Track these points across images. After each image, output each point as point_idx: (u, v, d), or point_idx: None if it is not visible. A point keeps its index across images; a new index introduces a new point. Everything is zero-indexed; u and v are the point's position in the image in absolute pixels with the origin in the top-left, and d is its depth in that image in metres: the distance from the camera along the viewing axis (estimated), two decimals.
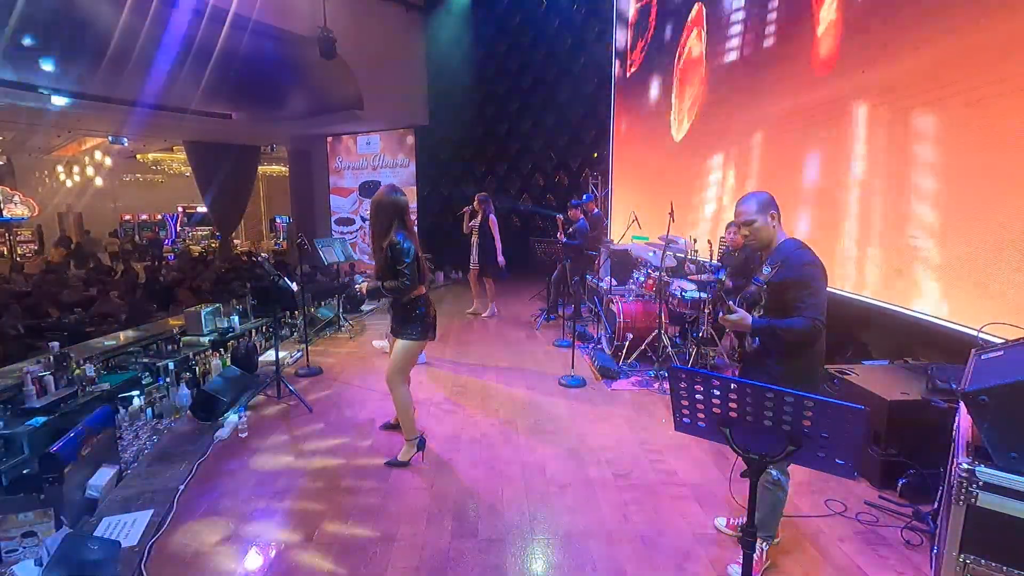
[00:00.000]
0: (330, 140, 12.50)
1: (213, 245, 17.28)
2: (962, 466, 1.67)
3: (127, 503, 2.94)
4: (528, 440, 3.72)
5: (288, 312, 6.20)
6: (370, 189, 11.72)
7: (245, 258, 13.11)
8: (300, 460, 3.47)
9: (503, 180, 11.92)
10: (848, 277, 4.06)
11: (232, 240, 16.02)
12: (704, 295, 4.69)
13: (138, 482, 3.18)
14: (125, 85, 7.82)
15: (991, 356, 1.98)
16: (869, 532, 2.67)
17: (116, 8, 6.39)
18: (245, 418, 3.85)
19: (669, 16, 7.49)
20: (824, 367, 2.51)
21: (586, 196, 7.80)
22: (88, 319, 6.17)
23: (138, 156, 17.65)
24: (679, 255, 5.75)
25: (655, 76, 7.91)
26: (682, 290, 4.97)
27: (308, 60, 8.60)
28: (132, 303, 6.78)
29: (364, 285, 3.29)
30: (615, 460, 3.43)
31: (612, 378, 4.89)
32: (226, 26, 7.33)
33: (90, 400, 3.71)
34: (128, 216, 19.63)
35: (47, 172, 17.47)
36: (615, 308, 5.31)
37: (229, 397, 4.07)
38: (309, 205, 13.17)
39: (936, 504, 2.41)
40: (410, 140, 11.72)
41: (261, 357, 5.32)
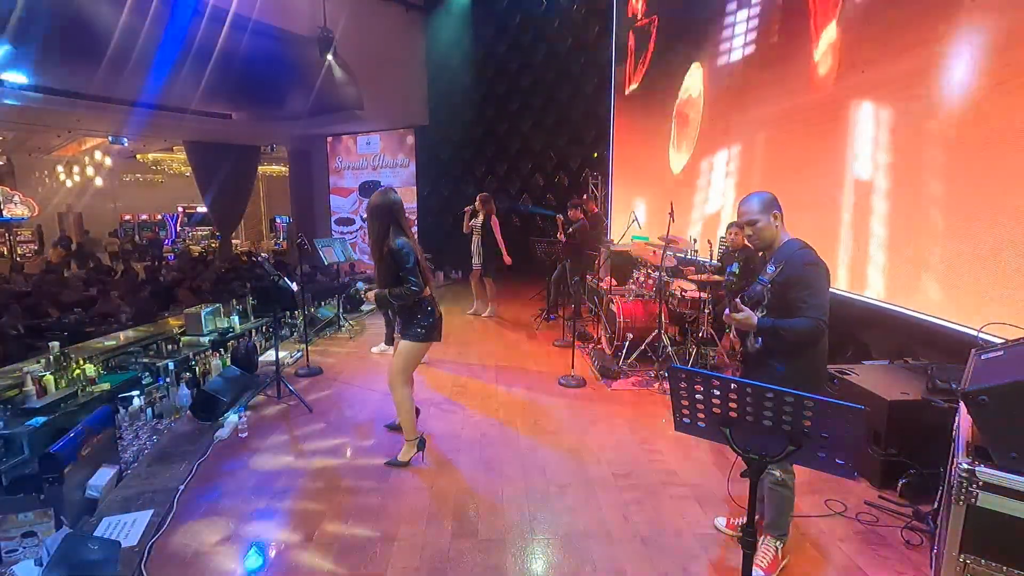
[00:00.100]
0: (330, 140, 12.50)
1: (213, 245, 17.27)
2: (962, 466, 1.67)
3: (127, 503, 2.94)
4: (528, 440, 3.72)
5: (288, 312, 6.20)
6: (370, 189, 11.71)
7: (245, 258, 13.11)
8: (300, 460, 3.47)
9: (503, 180, 11.91)
10: (848, 277, 4.06)
11: (231, 240, 16.01)
12: (704, 295, 4.69)
13: (138, 482, 3.18)
14: (125, 85, 7.82)
15: (991, 356, 1.98)
16: (869, 532, 2.67)
17: (116, 8, 6.39)
18: (245, 418, 3.85)
19: (669, 44, 7.44)
20: (826, 368, 2.51)
21: (585, 196, 7.79)
22: (88, 319, 6.17)
23: (138, 156, 17.65)
24: (679, 255, 5.76)
25: (654, 99, 7.86)
26: (682, 290, 4.98)
27: (308, 60, 8.60)
28: (137, 303, 6.79)
29: (372, 293, 3.26)
30: (615, 460, 3.43)
31: (612, 378, 4.89)
32: (226, 26, 7.33)
33: (90, 400, 3.71)
34: (128, 216, 19.62)
35: (47, 172, 17.46)
36: (615, 308, 5.31)
37: (229, 397, 4.07)
38: (309, 205, 13.17)
39: (936, 504, 2.41)
40: (410, 140, 11.72)
41: (261, 357, 5.32)
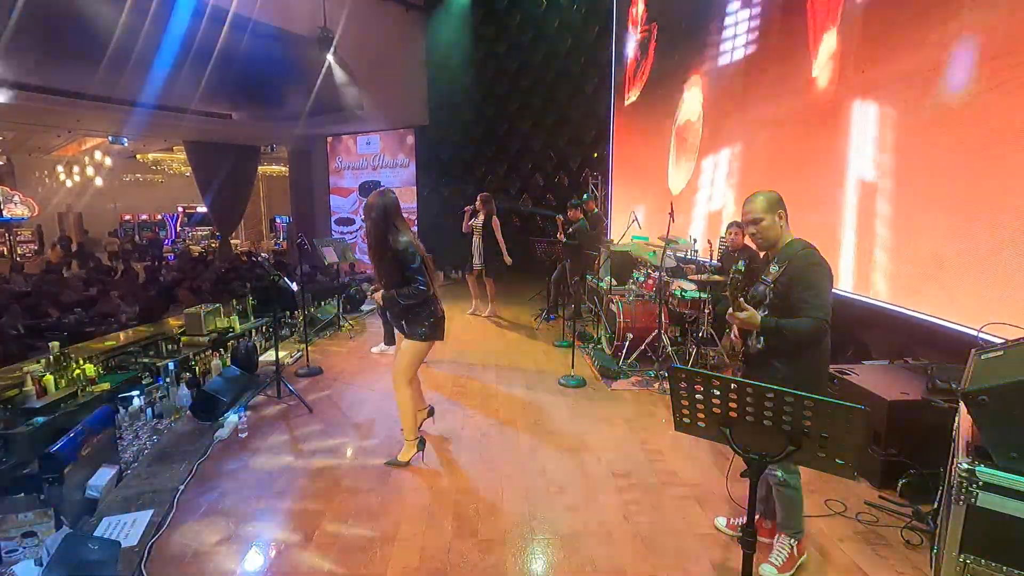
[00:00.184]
0: (330, 140, 12.50)
1: (213, 245, 17.27)
2: (962, 466, 1.67)
3: (127, 503, 2.94)
4: (528, 440, 3.72)
5: (288, 312, 6.21)
6: (369, 189, 11.71)
7: (245, 258, 13.11)
8: (300, 460, 3.47)
9: (503, 180, 11.91)
10: (848, 277, 4.06)
11: (231, 240, 16.01)
12: (704, 295, 4.69)
13: (138, 482, 3.18)
14: (125, 85, 7.82)
15: (991, 356, 1.98)
16: (869, 532, 2.67)
17: (116, 8, 6.39)
18: (245, 418, 3.84)
19: (668, 53, 7.44)
20: (828, 369, 2.51)
21: (585, 195, 7.79)
22: (88, 319, 6.17)
23: (138, 156, 17.66)
24: (679, 255, 5.76)
25: (654, 109, 7.84)
26: (682, 290, 4.98)
27: (308, 60, 8.60)
28: (143, 302, 6.80)
29: (378, 295, 3.24)
30: (615, 460, 3.43)
31: (612, 378, 4.89)
32: (226, 26, 7.32)
33: (90, 400, 3.71)
34: (128, 216, 19.63)
35: (47, 172, 17.46)
36: (615, 308, 5.31)
37: (229, 397, 4.07)
38: (309, 205, 13.17)
39: (936, 504, 2.41)
40: (410, 140, 11.72)
41: (261, 357, 5.33)
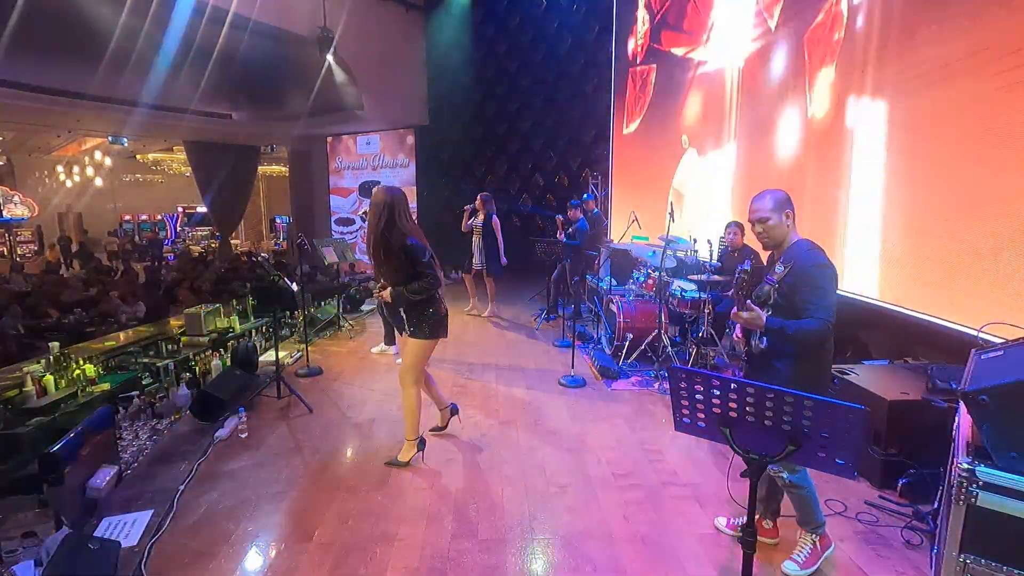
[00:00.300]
0: (330, 140, 12.50)
1: (213, 245, 17.27)
2: (962, 466, 1.67)
3: (127, 503, 2.94)
4: (528, 440, 3.72)
5: (288, 312, 6.20)
6: (369, 189, 11.72)
7: (245, 258, 13.12)
8: (300, 460, 3.46)
9: (503, 180, 11.91)
10: (848, 277, 4.06)
11: (231, 240, 16.01)
12: (704, 295, 4.69)
13: (138, 482, 3.18)
14: (125, 85, 7.82)
15: (991, 356, 1.98)
16: (869, 532, 2.67)
17: (116, 8, 6.39)
18: (245, 418, 3.84)
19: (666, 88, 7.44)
20: (831, 370, 2.51)
21: (586, 195, 7.80)
22: (88, 319, 6.17)
23: (138, 156, 17.67)
24: (679, 254, 5.76)
25: (655, 138, 7.83)
26: (682, 290, 4.98)
27: (308, 60, 8.60)
28: (149, 300, 6.81)
29: (386, 292, 3.22)
30: (615, 460, 3.43)
31: (612, 378, 4.89)
32: (226, 26, 7.33)
33: (90, 400, 3.71)
34: (128, 216, 19.64)
35: (47, 172, 17.47)
36: (615, 308, 5.31)
37: (229, 397, 4.07)
38: (309, 205, 13.17)
39: (936, 504, 2.42)
40: (410, 140, 11.72)
41: (261, 357, 5.32)
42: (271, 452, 3.58)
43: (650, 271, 5.68)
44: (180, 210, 20.65)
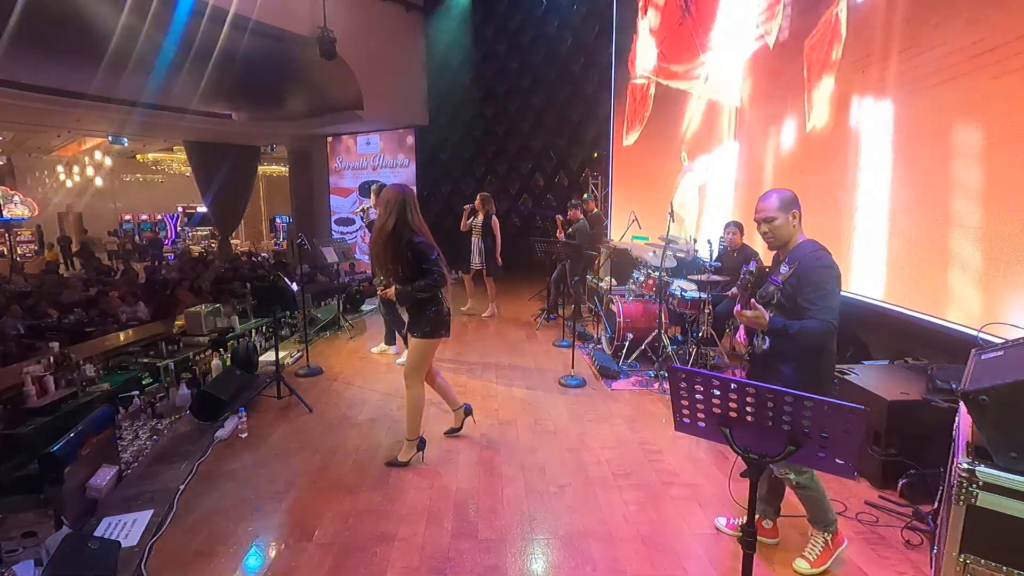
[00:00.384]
0: (330, 140, 12.51)
1: (213, 245, 17.28)
2: (962, 466, 1.67)
3: (127, 503, 2.94)
4: (528, 440, 3.72)
5: (288, 312, 6.21)
6: (369, 189, 11.73)
7: (245, 258, 13.13)
8: (300, 460, 3.46)
9: (503, 180, 11.91)
10: (849, 277, 4.06)
11: (231, 240, 16.02)
12: (704, 295, 4.69)
13: (138, 482, 3.18)
14: (125, 85, 7.83)
15: (991, 356, 1.98)
16: (869, 532, 2.67)
17: (116, 8, 6.40)
18: (245, 418, 3.84)
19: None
20: (833, 373, 2.50)
21: (586, 195, 7.80)
22: (88, 319, 6.18)
23: (138, 156, 17.69)
24: (679, 255, 5.76)
25: (656, 149, 7.83)
26: (682, 290, 4.97)
27: (308, 60, 8.61)
28: (156, 301, 6.82)
29: (391, 290, 3.22)
30: (615, 460, 3.43)
31: (612, 378, 4.89)
32: (226, 26, 7.33)
33: (90, 400, 3.71)
34: (128, 216, 19.65)
35: (47, 172, 17.48)
36: (615, 308, 5.31)
37: (229, 397, 4.07)
38: (309, 205, 13.18)
39: (936, 504, 2.41)
40: (410, 140, 11.73)
41: (261, 357, 5.32)
42: (271, 452, 3.58)
43: (650, 271, 5.68)
44: (180, 210, 20.66)
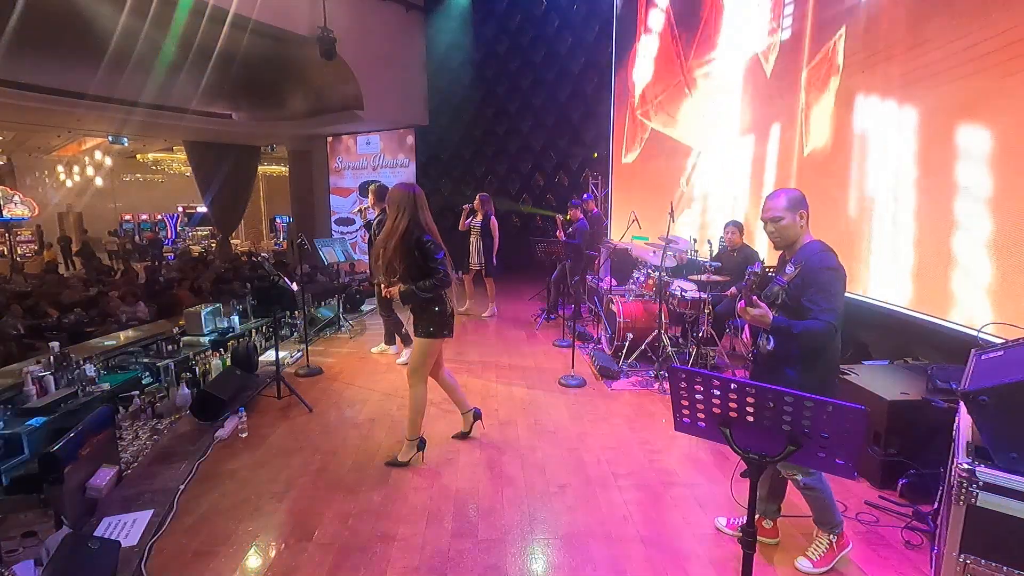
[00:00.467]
0: (330, 140, 12.50)
1: (213, 245, 17.28)
2: (962, 466, 1.67)
3: (127, 503, 2.94)
4: (528, 440, 3.72)
5: (288, 312, 6.20)
6: (367, 188, 11.74)
7: (245, 258, 13.13)
8: (300, 460, 3.46)
9: (503, 180, 11.91)
10: (849, 277, 4.06)
11: (231, 240, 16.02)
12: (704, 295, 4.69)
13: (138, 482, 3.18)
14: (125, 85, 7.83)
15: (991, 356, 1.98)
16: (869, 532, 2.67)
17: (116, 8, 6.40)
18: (245, 418, 3.84)
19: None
20: (838, 376, 2.49)
21: (586, 195, 7.80)
22: (88, 319, 6.18)
23: (138, 156, 17.70)
24: (679, 254, 5.75)
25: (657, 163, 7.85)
26: (682, 290, 4.97)
27: (308, 60, 8.61)
28: (160, 300, 6.82)
29: (395, 289, 3.21)
30: (615, 460, 3.43)
31: (612, 378, 4.89)
32: (226, 26, 7.33)
33: (90, 400, 3.71)
34: (128, 216, 19.65)
35: (47, 172, 17.49)
36: (615, 308, 5.30)
37: (229, 397, 4.07)
38: (309, 205, 13.18)
39: (936, 504, 2.41)
40: (410, 140, 11.73)
41: (261, 357, 5.32)
42: (271, 452, 3.58)
43: (650, 271, 5.68)
44: (180, 210, 20.66)
